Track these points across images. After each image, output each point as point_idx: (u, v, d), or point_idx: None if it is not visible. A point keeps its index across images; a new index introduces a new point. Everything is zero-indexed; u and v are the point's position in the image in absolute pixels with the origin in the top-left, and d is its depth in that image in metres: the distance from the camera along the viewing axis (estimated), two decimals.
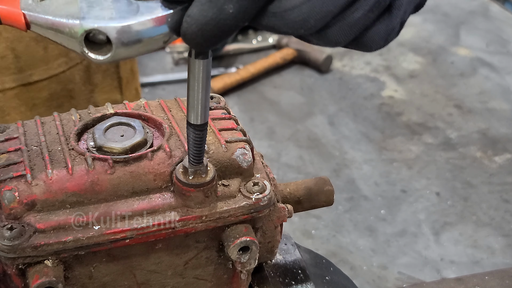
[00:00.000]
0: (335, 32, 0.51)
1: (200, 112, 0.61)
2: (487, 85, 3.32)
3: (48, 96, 1.11)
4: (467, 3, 4.05)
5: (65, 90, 1.13)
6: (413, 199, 2.59)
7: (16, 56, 1.05)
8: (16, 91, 1.08)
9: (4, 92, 1.07)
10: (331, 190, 0.84)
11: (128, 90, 1.27)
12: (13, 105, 1.08)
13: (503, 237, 2.42)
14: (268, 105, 3.11)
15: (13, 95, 1.07)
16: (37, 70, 1.08)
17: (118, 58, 0.50)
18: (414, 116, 3.06)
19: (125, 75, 1.25)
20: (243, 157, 0.71)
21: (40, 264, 0.63)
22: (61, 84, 1.11)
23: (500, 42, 3.68)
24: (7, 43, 1.04)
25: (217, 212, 0.68)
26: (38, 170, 0.65)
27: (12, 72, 1.06)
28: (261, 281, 0.84)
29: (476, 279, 1.00)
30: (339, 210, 2.51)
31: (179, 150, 0.70)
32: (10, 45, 1.04)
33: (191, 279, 0.74)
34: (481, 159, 2.82)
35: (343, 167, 2.74)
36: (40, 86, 1.09)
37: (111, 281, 0.70)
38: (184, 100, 0.79)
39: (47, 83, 1.10)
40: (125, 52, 0.50)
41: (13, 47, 1.04)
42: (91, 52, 0.50)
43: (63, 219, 0.64)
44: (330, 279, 0.88)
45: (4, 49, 1.04)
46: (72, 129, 0.72)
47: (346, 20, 0.51)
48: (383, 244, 2.38)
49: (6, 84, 1.06)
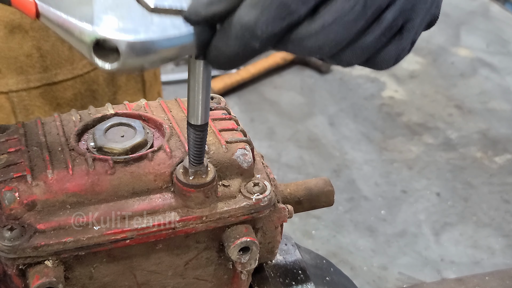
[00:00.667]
0: (348, 55, 0.54)
1: (201, 112, 0.61)
2: (487, 86, 3.32)
3: (72, 96, 1.11)
4: (467, 3, 4.05)
5: (89, 91, 1.13)
6: (413, 199, 2.59)
7: (42, 55, 1.05)
8: (41, 90, 1.08)
9: (29, 91, 1.07)
10: (332, 191, 0.84)
11: (150, 93, 1.28)
12: (37, 104, 1.08)
13: (503, 237, 2.42)
14: (268, 105, 3.11)
15: (38, 94, 1.08)
16: (62, 70, 1.08)
17: (124, 70, 0.49)
18: (414, 117, 3.06)
19: (148, 79, 1.26)
20: (244, 157, 0.71)
21: (40, 265, 0.63)
22: (85, 85, 1.12)
23: (500, 43, 3.68)
24: (34, 42, 1.04)
25: (218, 212, 0.68)
26: (38, 170, 0.65)
27: (37, 71, 1.06)
28: (262, 281, 0.84)
29: (476, 279, 1.00)
30: (340, 211, 2.51)
31: (180, 150, 0.70)
32: (37, 44, 1.04)
33: (191, 279, 0.74)
34: (481, 159, 2.82)
35: (344, 167, 2.74)
36: (64, 86, 1.10)
37: (112, 281, 0.70)
38: (185, 101, 0.79)
39: (71, 83, 1.10)
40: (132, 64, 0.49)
41: (39, 46, 1.04)
42: (99, 59, 0.49)
43: (63, 220, 0.64)
44: (330, 279, 0.88)
45: (30, 48, 1.04)
46: (72, 129, 0.72)
47: (358, 45, 0.53)
48: (383, 245, 2.38)
49: (31, 83, 1.07)
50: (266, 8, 0.49)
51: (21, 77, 1.05)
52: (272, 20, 0.50)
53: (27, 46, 1.03)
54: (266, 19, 0.49)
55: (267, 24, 0.50)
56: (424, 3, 0.55)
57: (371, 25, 0.53)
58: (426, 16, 0.57)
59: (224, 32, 0.51)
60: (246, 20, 0.50)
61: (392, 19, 0.53)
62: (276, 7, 0.49)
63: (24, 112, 1.08)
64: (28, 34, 1.03)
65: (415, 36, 0.57)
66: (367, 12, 0.51)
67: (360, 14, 0.51)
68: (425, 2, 0.55)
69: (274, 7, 0.49)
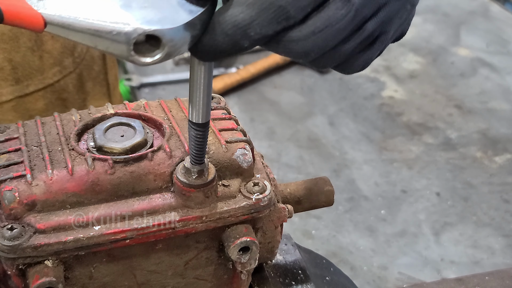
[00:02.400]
0: (326, 60, 0.55)
1: (202, 110, 0.61)
2: (487, 85, 3.32)
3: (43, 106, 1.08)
4: (467, 3, 4.05)
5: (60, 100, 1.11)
6: (413, 199, 2.59)
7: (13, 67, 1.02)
8: (13, 103, 1.05)
9: (1, 105, 1.04)
10: (331, 191, 0.84)
11: (114, 96, 1.26)
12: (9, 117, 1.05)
13: (503, 237, 2.42)
14: (268, 105, 3.11)
15: (10, 107, 1.05)
16: (33, 81, 1.05)
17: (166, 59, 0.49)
18: (414, 116, 3.06)
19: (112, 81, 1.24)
20: (243, 157, 0.71)
21: (40, 264, 0.63)
22: (55, 94, 1.09)
23: (500, 42, 3.68)
24: (5, 54, 1.00)
25: (217, 212, 0.68)
26: (38, 170, 0.65)
27: (9, 84, 1.03)
28: (261, 281, 0.84)
29: (476, 279, 1.00)
30: (339, 210, 2.51)
31: (179, 150, 0.70)
32: (8, 56, 1.01)
33: (191, 279, 0.74)
34: (481, 159, 2.82)
35: (343, 167, 2.74)
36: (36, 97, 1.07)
37: (111, 281, 0.70)
38: (185, 101, 0.79)
39: (42, 93, 1.07)
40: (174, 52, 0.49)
41: (11, 58, 1.01)
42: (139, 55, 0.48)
43: (63, 219, 0.64)
44: (330, 279, 0.88)
45: (1, 60, 1.00)
46: (72, 129, 0.72)
47: (338, 51, 0.54)
48: (383, 244, 2.38)
49: (3, 97, 1.03)
50: (264, 9, 0.49)
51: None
52: (268, 23, 0.49)
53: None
54: (262, 21, 0.49)
55: (262, 26, 0.49)
56: (399, 18, 0.56)
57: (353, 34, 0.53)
58: (398, 31, 0.58)
59: (215, 28, 0.50)
60: (240, 19, 0.49)
61: (372, 29, 0.54)
62: (275, 10, 0.49)
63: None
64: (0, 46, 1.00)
65: (384, 48, 0.58)
66: (354, 22, 0.52)
67: (349, 23, 0.51)
68: (401, 17, 0.56)
69: (273, 10, 0.49)
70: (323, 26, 0.51)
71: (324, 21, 0.50)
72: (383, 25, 0.55)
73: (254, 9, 0.49)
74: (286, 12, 0.49)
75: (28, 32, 1.00)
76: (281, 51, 0.53)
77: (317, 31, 0.51)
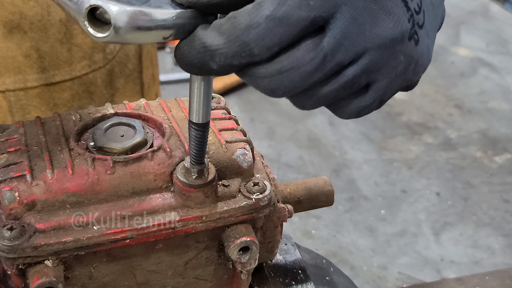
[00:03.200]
0: (302, 100, 0.55)
1: (202, 110, 0.61)
2: (487, 85, 3.32)
3: (69, 97, 1.11)
4: (467, 3, 4.05)
5: (87, 92, 1.13)
6: (413, 199, 2.59)
7: (40, 56, 1.06)
8: (38, 90, 1.09)
9: (27, 90, 1.08)
10: (331, 190, 0.84)
11: (148, 95, 1.28)
12: (34, 104, 1.09)
13: (503, 237, 2.42)
14: (268, 105, 3.11)
15: (35, 94, 1.08)
16: (60, 71, 1.09)
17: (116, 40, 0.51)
18: (414, 116, 3.07)
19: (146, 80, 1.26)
20: (243, 157, 0.71)
21: (40, 264, 0.63)
22: (83, 86, 1.12)
23: (500, 42, 3.68)
24: (32, 42, 1.04)
25: (217, 212, 0.68)
26: (38, 170, 0.65)
27: (35, 71, 1.07)
28: (261, 281, 0.84)
29: (476, 279, 1.00)
30: (339, 210, 2.51)
31: (179, 150, 0.70)
32: (35, 45, 1.04)
33: (191, 279, 0.74)
34: (481, 159, 2.82)
35: (343, 167, 2.74)
36: (62, 87, 1.10)
37: (111, 281, 0.70)
38: (185, 101, 0.79)
39: (69, 84, 1.10)
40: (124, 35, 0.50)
41: (38, 47, 1.05)
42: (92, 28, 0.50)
43: (63, 219, 0.64)
44: (330, 279, 0.88)
45: (28, 49, 1.04)
46: (72, 129, 0.72)
47: (314, 93, 0.54)
48: (383, 244, 2.38)
49: (29, 83, 1.07)
50: (230, 41, 0.50)
51: (18, 77, 1.06)
52: (232, 55, 0.50)
53: (25, 47, 1.04)
54: (226, 52, 0.50)
55: (226, 56, 0.50)
56: (392, 68, 0.55)
57: (330, 77, 0.53)
58: (397, 81, 0.57)
59: (190, 40, 0.52)
60: (209, 43, 0.50)
61: (352, 76, 0.53)
62: (239, 45, 0.50)
63: (21, 112, 1.09)
64: (27, 34, 1.03)
65: (384, 96, 0.57)
66: (325, 66, 0.52)
67: (318, 67, 0.51)
68: (394, 67, 0.55)
69: (238, 44, 0.50)
70: (289, 67, 0.51)
71: (291, 62, 0.51)
72: (369, 73, 0.54)
73: (222, 38, 0.50)
74: (250, 49, 0.50)
75: (58, 24, 1.04)
76: (250, 84, 0.54)
77: (283, 70, 0.51)
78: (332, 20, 0.51)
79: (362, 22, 0.52)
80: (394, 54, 0.55)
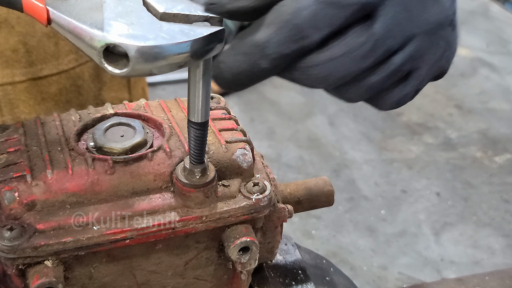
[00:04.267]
0: (351, 91, 0.55)
1: (201, 110, 0.61)
2: (487, 85, 3.32)
3: (57, 91, 1.12)
4: (467, 3, 4.05)
5: (74, 86, 1.14)
6: (413, 199, 2.59)
7: (28, 51, 1.06)
8: (26, 84, 1.09)
9: (14, 85, 1.08)
10: (331, 191, 0.84)
11: (135, 89, 1.28)
12: (22, 98, 1.09)
13: (503, 237, 2.42)
14: (268, 105, 3.11)
15: (23, 88, 1.09)
16: (48, 65, 1.09)
17: (133, 75, 0.51)
18: (414, 116, 3.07)
19: None
20: (243, 157, 0.71)
21: (40, 265, 0.63)
22: (70, 80, 1.13)
23: (500, 42, 3.68)
24: (20, 37, 1.04)
25: (217, 212, 0.68)
26: (38, 170, 0.65)
27: (23, 65, 1.07)
28: (261, 281, 0.84)
29: (476, 279, 1.00)
30: (339, 210, 2.51)
31: (179, 150, 0.70)
32: (23, 39, 1.05)
33: (191, 279, 0.74)
34: (481, 159, 2.82)
35: (343, 167, 2.74)
36: (49, 81, 1.11)
37: (111, 281, 0.70)
38: (184, 101, 0.79)
39: (56, 78, 1.11)
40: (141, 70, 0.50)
41: (25, 41, 1.05)
42: (108, 64, 0.50)
43: (63, 220, 0.64)
44: (330, 279, 0.88)
45: (16, 43, 1.05)
46: (72, 129, 0.72)
47: (363, 83, 0.54)
48: (383, 244, 2.38)
49: (16, 77, 1.08)
50: (280, 28, 0.49)
51: (6, 71, 1.06)
52: (284, 41, 0.49)
53: (13, 41, 1.04)
54: (278, 39, 0.49)
55: (279, 44, 0.50)
56: (433, 54, 0.55)
57: (379, 65, 0.53)
58: (434, 68, 0.57)
59: (233, 47, 0.51)
60: (258, 37, 0.50)
61: (400, 63, 0.53)
62: (290, 29, 0.49)
63: (9, 106, 1.09)
64: (14, 29, 1.03)
65: (420, 85, 0.57)
66: (376, 52, 0.52)
67: (369, 52, 0.51)
68: (434, 53, 0.55)
69: (288, 28, 0.49)
70: (341, 52, 0.51)
71: (342, 48, 0.51)
72: (413, 60, 0.54)
73: (271, 28, 0.49)
74: (302, 30, 0.49)
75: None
76: (300, 77, 0.53)
77: (334, 56, 0.51)
78: (381, 7, 0.51)
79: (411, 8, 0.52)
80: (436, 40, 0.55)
